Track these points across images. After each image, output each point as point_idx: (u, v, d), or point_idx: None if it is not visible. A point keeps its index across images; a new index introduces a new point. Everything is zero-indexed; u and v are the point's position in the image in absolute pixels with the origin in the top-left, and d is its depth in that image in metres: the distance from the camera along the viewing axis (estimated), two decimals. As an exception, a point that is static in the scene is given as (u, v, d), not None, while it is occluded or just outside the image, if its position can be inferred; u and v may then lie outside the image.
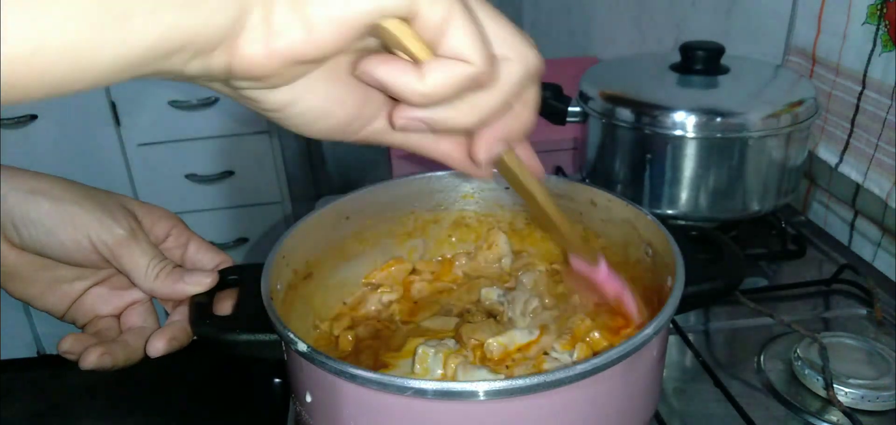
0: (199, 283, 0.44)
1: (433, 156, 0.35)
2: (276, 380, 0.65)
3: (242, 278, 0.46)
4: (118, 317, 0.48)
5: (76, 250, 0.42)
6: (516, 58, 0.30)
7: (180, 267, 0.46)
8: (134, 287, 0.45)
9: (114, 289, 0.47)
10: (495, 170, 0.37)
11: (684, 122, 0.67)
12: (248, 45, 0.25)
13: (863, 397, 0.50)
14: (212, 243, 0.49)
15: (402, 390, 0.34)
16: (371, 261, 0.59)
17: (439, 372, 0.45)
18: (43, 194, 0.41)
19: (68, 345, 0.43)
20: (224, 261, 0.49)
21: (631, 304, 0.47)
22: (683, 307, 0.42)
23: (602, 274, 0.47)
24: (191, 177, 1.81)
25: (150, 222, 0.46)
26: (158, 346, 0.43)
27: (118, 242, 0.42)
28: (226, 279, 0.46)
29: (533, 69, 0.31)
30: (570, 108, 0.77)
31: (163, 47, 0.23)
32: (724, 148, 0.68)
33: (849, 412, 0.49)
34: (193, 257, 0.48)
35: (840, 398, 0.50)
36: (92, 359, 0.42)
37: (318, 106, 0.30)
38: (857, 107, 0.72)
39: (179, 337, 0.44)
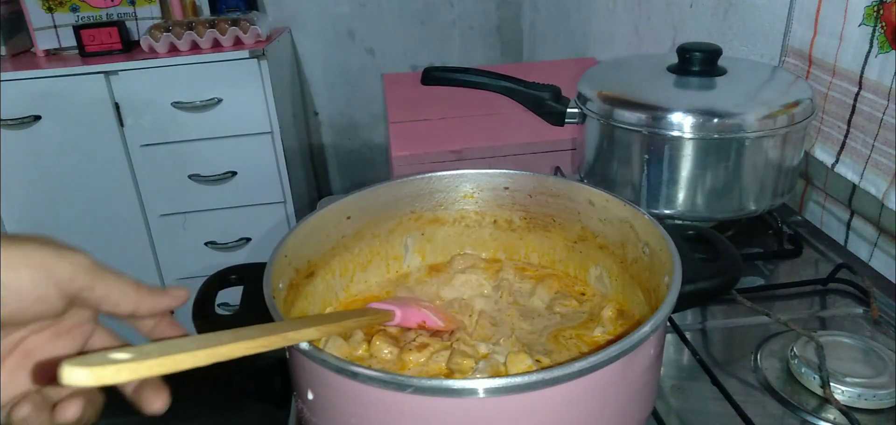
0: (179, 297, 0.41)
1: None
2: (278, 379, 0.66)
3: (245, 277, 0.47)
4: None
5: (33, 292, 0.34)
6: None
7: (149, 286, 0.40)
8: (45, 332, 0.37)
9: (26, 353, 0.37)
10: None
11: (682, 123, 0.68)
12: None
13: (859, 395, 0.50)
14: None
15: (403, 387, 0.35)
16: (371, 260, 0.59)
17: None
18: None
19: (27, 412, 0.36)
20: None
21: (435, 322, 0.51)
22: (681, 305, 0.43)
23: (397, 320, 0.49)
24: (194, 177, 1.82)
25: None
26: (69, 413, 0.37)
27: (87, 268, 0.35)
28: (228, 279, 0.47)
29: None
30: (568, 109, 0.78)
31: None
32: (721, 148, 0.68)
33: (845, 410, 0.49)
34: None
35: (837, 396, 0.50)
36: (72, 411, 0.36)
37: None
38: (854, 107, 0.72)
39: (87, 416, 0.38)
